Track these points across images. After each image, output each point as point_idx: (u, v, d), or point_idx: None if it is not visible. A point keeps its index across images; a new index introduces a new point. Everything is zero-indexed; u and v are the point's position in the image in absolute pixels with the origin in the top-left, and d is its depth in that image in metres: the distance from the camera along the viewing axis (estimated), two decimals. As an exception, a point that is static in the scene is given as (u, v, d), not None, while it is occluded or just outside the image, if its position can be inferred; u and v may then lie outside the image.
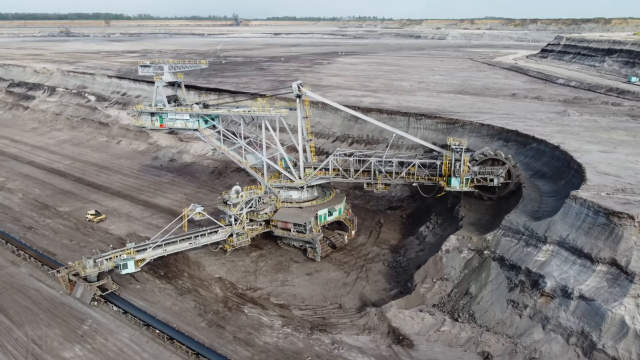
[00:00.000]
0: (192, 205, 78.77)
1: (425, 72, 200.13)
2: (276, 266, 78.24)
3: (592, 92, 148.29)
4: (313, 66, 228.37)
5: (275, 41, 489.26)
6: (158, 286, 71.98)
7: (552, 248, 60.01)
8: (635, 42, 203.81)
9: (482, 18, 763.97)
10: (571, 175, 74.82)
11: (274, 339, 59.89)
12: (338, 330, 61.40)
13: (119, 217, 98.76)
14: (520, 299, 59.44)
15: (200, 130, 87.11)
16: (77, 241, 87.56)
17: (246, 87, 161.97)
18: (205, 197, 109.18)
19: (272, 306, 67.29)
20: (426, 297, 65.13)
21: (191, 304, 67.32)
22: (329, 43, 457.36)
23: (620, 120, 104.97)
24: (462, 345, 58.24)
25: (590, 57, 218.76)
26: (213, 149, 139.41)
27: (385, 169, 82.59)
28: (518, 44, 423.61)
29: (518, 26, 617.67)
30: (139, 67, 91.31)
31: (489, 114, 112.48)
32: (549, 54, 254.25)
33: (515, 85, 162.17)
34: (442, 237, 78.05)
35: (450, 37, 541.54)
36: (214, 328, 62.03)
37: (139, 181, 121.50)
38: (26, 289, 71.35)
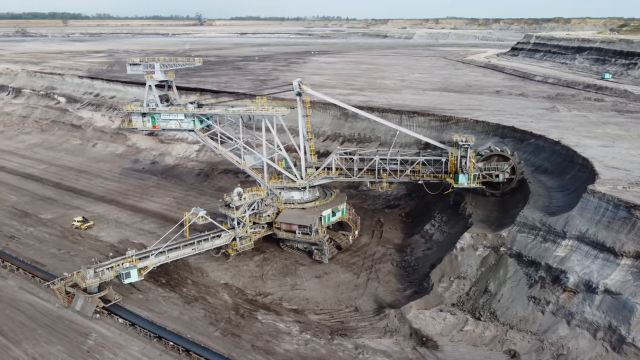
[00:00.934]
0: (194, 209, 75.35)
1: (405, 71, 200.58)
2: (282, 270, 75.73)
3: (571, 88, 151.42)
4: (290, 65, 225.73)
5: (243, 41, 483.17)
6: (162, 295, 68.41)
7: (571, 243, 59.83)
8: (604, 40, 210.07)
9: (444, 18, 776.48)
10: (576, 170, 75.26)
11: (294, 346, 57.55)
12: (359, 334, 59.56)
13: (108, 223, 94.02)
14: (542, 295, 59.00)
15: (196, 130, 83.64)
16: (66, 250, 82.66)
17: (227, 86, 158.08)
18: (196, 200, 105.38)
19: (286, 311, 64.86)
20: (444, 297, 64.04)
21: (200, 313, 64.16)
22: (298, 42, 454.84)
23: (608, 115, 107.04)
24: (487, 344, 57.36)
25: (561, 55, 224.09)
26: (197, 151, 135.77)
27: (389, 167, 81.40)
28: (484, 43, 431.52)
29: (481, 26, 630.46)
30: (128, 66, 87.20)
31: (480, 111, 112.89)
32: (520, 52, 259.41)
33: (496, 83, 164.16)
34: (451, 235, 77.41)
35: (417, 36, 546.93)
36: (229, 337, 59.16)
37: (122, 185, 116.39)
38: (18, 303, 66.53)
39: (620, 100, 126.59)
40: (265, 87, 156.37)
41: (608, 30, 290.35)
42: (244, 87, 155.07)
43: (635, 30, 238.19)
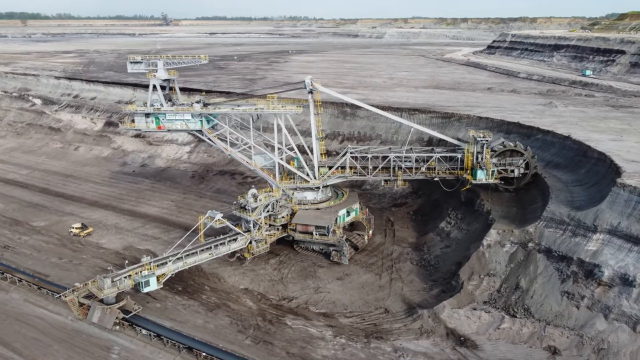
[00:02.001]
0: (210, 213, 72.30)
1: (389, 69, 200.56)
2: (302, 272, 73.57)
3: (557, 84, 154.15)
4: (272, 64, 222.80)
5: (215, 40, 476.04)
6: (181, 303, 65.24)
7: (602, 237, 59.86)
8: (580, 38, 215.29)
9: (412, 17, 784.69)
10: (591, 164, 75.80)
11: (331, 351, 55.58)
12: (395, 337, 58.05)
13: (107, 229, 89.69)
14: (576, 290, 58.80)
15: (205, 131, 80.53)
16: (67, 259, 78.23)
17: (216, 86, 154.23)
18: (196, 204, 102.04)
19: (315, 316, 62.79)
20: (475, 295, 63.20)
21: (226, 320, 61.40)
22: (271, 42, 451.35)
23: (604, 110, 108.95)
24: (525, 341, 56.73)
25: (538, 53, 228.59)
26: (189, 152, 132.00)
27: (405, 164, 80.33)
28: (456, 42, 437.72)
29: (450, 25, 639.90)
30: (129, 64, 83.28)
31: (480, 107, 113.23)
32: (497, 50, 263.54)
33: (483, 80, 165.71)
34: (470, 232, 76.84)
35: (388, 35, 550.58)
36: (261, 345, 56.71)
37: (115, 189, 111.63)
38: (27, 318, 62.30)
39: (610, 95, 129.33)
40: (256, 86, 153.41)
41: (579, 29, 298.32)
42: (234, 86, 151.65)
43: (607, 29, 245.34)
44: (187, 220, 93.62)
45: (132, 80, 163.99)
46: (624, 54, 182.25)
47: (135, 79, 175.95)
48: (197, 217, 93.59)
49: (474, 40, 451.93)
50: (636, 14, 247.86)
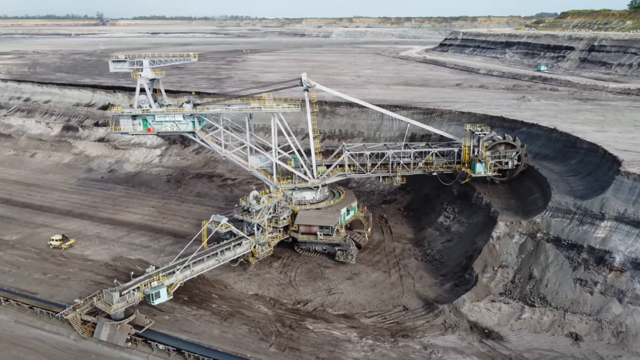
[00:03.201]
0: (215, 217, 69.06)
1: (353, 67, 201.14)
2: (309, 274, 71.79)
3: (519, 80, 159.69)
4: (231, 63, 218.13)
5: (160, 40, 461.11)
6: (191, 313, 61.91)
7: (610, 224, 61.90)
8: (531, 35, 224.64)
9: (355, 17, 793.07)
10: (582, 154, 78.54)
11: (362, 353, 54.38)
12: (420, 334, 57.61)
13: (89, 240, 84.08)
14: (588, 277, 60.56)
15: (198, 132, 77.00)
16: (53, 274, 72.54)
17: (184, 86, 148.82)
18: (179, 209, 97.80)
19: (335, 318, 61.31)
20: (490, 287, 63.83)
21: (244, 329, 58.78)
22: (220, 42, 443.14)
23: (574, 103, 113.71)
24: (547, 329, 57.87)
25: (490, 50, 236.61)
26: (159, 156, 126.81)
27: (403, 160, 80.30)
28: (403, 40, 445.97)
29: (394, 24, 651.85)
30: (111, 63, 78.49)
31: (458, 103, 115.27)
32: (449, 48, 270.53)
33: (447, 77, 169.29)
34: (471, 225, 77.66)
35: (335, 34, 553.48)
36: (288, 352, 54.66)
37: (86, 197, 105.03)
38: (24, 341, 57.08)
39: (573, 89, 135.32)
40: (224, 85, 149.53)
41: (524, 27, 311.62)
42: (202, 86, 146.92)
43: (551, 26, 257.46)
44: (174, 226, 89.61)
45: (90, 82, 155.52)
46: (573, 50, 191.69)
47: (92, 80, 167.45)
48: (183, 223, 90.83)
49: (420, 39, 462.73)
50: (576, 13, 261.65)
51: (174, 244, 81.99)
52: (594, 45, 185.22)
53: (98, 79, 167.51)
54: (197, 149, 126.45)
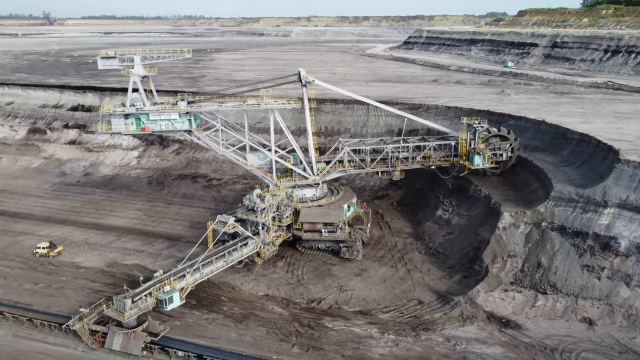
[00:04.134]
0: (221, 217, 66.85)
1: (325, 65, 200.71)
2: (316, 272, 70.70)
3: (489, 75, 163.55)
4: (200, 62, 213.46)
5: (116, 40, 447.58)
6: (203, 318, 59.72)
7: (613, 211, 63.78)
8: (494, 32, 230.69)
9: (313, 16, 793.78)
10: (573, 145, 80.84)
11: (386, 349, 53.88)
12: (440, 326, 57.66)
13: (77, 246, 79.92)
14: (595, 263, 62.24)
15: (195, 131, 74.45)
16: (45, 283, 68.44)
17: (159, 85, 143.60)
18: (167, 211, 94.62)
19: (352, 315, 60.53)
20: (501, 277, 64.64)
21: (261, 330, 57.18)
22: (178, 41, 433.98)
23: (553, 97, 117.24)
24: (561, 316, 59.11)
25: (455, 47, 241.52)
26: (137, 157, 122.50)
27: (402, 155, 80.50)
28: (363, 39, 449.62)
29: (353, 23, 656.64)
30: (99, 59, 74.91)
31: (441, 98, 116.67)
32: (414, 45, 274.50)
33: (421, 73, 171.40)
34: (472, 217, 78.46)
35: (295, 34, 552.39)
36: (312, 351, 53.51)
37: (65, 202, 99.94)
38: (28, 355, 53.55)
39: (545, 84, 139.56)
40: (201, 84, 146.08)
41: (484, 24, 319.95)
42: (178, 85, 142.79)
43: (512, 24, 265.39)
44: (165, 229, 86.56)
45: (56, 82, 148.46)
46: (536, 46, 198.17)
47: (57, 80, 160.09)
48: (175, 226, 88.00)
49: (380, 37, 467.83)
50: (534, 11, 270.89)
51: (169, 247, 79.19)
52: (556, 42, 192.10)
53: (64, 79, 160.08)
54: (177, 150, 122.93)
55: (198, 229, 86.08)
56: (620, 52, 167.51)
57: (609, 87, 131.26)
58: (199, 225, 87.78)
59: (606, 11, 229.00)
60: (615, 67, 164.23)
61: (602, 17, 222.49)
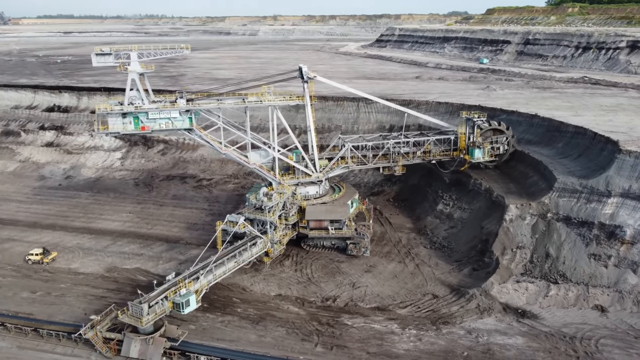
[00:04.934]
0: (231, 217, 65.22)
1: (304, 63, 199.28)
2: (325, 270, 69.89)
3: (468, 72, 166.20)
4: (174, 61, 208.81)
5: (78, 40, 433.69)
6: (217, 320, 58.08)
7: (617, 200, 65.41)
8: (467, 30, 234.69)
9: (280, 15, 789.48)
10: (568, 137, 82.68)
11: (410, 343, 53.63)
12: (459, 319, 57.80)
13: (71, 252, 76.63)
14: (601, 251, 63.73)
15: (197, 129, 72.44)
16: (43, 291, 65.21)
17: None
18: (160, 213, 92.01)
19: (369, 311, 60.03)
20: (511, 268, 65.41)
21: (281, 331, 56.02)
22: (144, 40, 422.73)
23: (536, 92, 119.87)
24: (574, 304, 60.18)
25: (429, 45, 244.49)
26: (120, 159, 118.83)
27: (403, 150, 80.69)
28: (332, 38, 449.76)
29: (320, 22, 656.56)
30: (94, 56, 72.19)
31: (429, 94, 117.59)
32: (387, 43, 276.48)
33: (401, 70, 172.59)
34: (474, 210, 79.19)
35: (262, 32, 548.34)
36: (336, 350, 52.72)
37: (50, 207, 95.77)
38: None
39: (526, 79, 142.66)
40: (183, 82, 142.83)
41: (453, 22, 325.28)
42: (159, 84, 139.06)
43: (482, 22, 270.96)
44: (162, 231, 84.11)
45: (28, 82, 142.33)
46: (509, 43, 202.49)
47: (29, 80, 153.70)
48: (171, 227, 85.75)
49: (348, 36, 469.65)
50: (502, 9, 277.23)
51: (169, 250, 76.87)
52: (528, 39, 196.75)
53: (35, 79, 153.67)
54: (163, 150, 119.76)
55: (195, 230, 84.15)
56: (591, 49, 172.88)
57: (586, 82, 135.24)
58: (195, 226, 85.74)
59: (572, 9, 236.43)
60: (587, 62, 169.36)
61: (568, 15, 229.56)
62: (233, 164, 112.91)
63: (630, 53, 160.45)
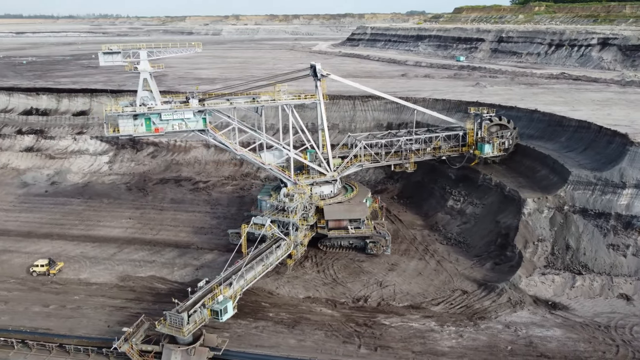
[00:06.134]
0: (257, 219, 63.30)
1: (282, 62, 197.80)
2: (348, 270, 69.03)
3: (448, 69, 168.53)
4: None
5: (34, 40, 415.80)
6: (251, 326, 56.27)
7: (631, 191, 67.25)
8: (440, 28, 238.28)
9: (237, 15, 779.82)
10: (571, 131, 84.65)
11: (452, 341, 53.45)
12: (494, 314, 58.07)
13: (77, 262, 72.83)
14: (619, 242, 65.47)
15: (211, 130, 70.15)
16: (57, 304, 61.59)
17: (122, 85, 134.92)
18: (163, 218, 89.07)
19: (404, 310, 59.53)
20: (534, 261, 66.32)
21: (320, 334, 54.80)
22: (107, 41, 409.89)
23: (524, 88, 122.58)
24: (600, 294, 61.46)
25: (402, 43, 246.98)
26: (108, 163, 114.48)
27: (414, 147, 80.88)
28: (299, 37, 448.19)
29: (283, 21, 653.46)
30: (101, 55, 69.02)
31: (421, 91, 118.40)
32: (359, 42, 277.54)
33: (384, 68, 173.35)
34: (487, 205, 79.94)
35: (226, 32, 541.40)
36: (380, 351, 51.95)
37: (42, 215, 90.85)
38: (71, 385, 47.69)
39: (510, 76, 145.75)
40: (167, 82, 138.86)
41: (422, 21, 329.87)
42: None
43: (451, 21, 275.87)
44: (169, 236, 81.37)
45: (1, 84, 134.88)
46: (483, 41, 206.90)
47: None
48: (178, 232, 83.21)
49: (314, 35, 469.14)
50: (470, 8, 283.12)
51: (181, 256, 74.21)
52: (502, 37, 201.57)
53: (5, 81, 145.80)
54: (153, 153, 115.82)
55: (204, 234, 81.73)
56: (563, 46, 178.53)
57: (568, 78, 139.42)
58: (202, 230, 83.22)
59: (539, 8, 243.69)
60: (560, 59, 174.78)
61: (536, 14, 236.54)
62: (229, 166, 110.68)
63: (602, 50, 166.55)
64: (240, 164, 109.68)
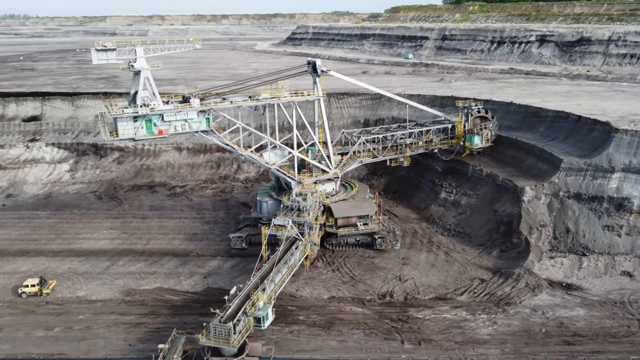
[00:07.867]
0: (276, 220, 60.87)
1: (235, 62, 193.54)
2: (362, 267, 68.51)
3: (400, 67, 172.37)
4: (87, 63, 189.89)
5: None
6: (285, 331, 54.29)
7: (620, 175, 71.92)
8: (383, 27, 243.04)
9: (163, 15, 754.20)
10: (549, 121, 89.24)
11: (488, 328, 54.49)
12: (517, 299, 59.77)
13: (68, 279, 66.67)
14: (613, 223, 69.83)
15: (215, 130, 66.88)
16: (61, 326, 56.01)
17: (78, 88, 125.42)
18: (148, 226, 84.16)
19: (432, 302, 59.85)
20: (539, 246, 69.13)
21: (359, 333, 53.85)
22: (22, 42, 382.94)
23: (487, 82, 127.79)
24: (605, 273, 65.17)
25: (347, 42, 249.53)
26: (69, 171, 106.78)
27: (408, 141, 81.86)
28: (232, 37, 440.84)
29: (211, 21, 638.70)
30: (94, 52, 63.73)
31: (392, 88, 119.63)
32: (302, 41, 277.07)
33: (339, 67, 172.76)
34: (481, 195, 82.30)
35: (152, 33, 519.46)
36: (425, 344, 51.86)
37: (8, 231, 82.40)
38: (111, 412, 43.55)
39: (466, 72, 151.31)
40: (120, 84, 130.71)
41: (362, 20, 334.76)
42: (99, 87, 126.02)
43: (390, 20, 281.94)
44: (161, 245, 76.93)
45: None
46: (427, 39, 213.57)
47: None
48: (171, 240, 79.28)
49: (246, 35, 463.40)
50: (407, 7, 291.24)
51: (183, 264, 70.23)
52: (445, 35, 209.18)
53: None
54: (118, 158, 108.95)
55: (199, 240, 78.03)
56: (504, 43, 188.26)
57: (520, 72, 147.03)
58: (197, 236, 79.37)
59: (472, 7, 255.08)
60: (503, 55, 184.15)
61: (471, 13, 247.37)
62: (205, 168, 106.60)
63: (541, 46, 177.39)
64: (217, 166, 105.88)
